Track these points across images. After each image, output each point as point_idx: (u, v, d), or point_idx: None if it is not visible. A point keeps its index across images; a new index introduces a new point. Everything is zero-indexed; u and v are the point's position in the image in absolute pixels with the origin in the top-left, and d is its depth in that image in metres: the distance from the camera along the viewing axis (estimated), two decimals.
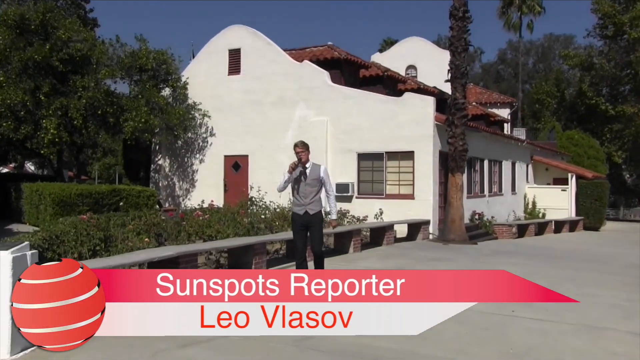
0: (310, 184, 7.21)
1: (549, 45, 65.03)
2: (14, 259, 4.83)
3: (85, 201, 15.06)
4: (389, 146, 17.08)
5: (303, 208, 7.21)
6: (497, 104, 32.46)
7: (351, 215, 15.08)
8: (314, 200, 7.23)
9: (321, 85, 18.17)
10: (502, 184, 22.79)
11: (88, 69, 17.67)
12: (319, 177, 7.26)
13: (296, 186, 7.26)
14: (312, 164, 7.29)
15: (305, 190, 7.20)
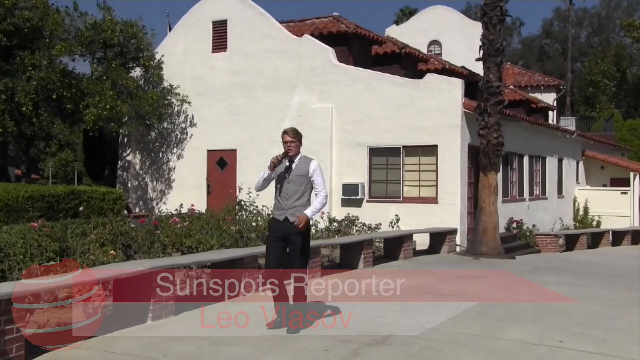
0: (295, 182, 6.95)
1: (606, 14, 64.10)
2: None
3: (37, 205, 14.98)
4: (407, 139, 17.03)
5: (283, 213, 6.96)
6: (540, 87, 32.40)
7: (361, 223, 15.04)
8: (298, 204, 6.92)
9: (325, 65, 18.12)
10: (546, 185, 22.72)
11: (39, 44, 17.62)
12: (308, 174, 6.99)
13: (279, 185, 7.04)
14: (301, 157, 7.06)
15: (288, 190, 6.96)
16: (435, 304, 8.94)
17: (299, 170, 6.97)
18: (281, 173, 6.97)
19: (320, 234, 14.16)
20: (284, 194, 6.97)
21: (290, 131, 7.00)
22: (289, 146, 6.95)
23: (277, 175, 6.99)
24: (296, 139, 6.98)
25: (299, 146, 7.02)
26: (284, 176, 6.97)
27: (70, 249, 9.04)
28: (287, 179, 6.95)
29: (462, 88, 16.65)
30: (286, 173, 6.97)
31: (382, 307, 8.50)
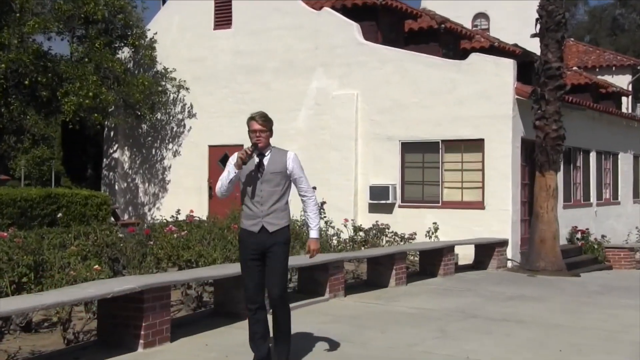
0: (271, 181, 6.48)
1: None
2: None
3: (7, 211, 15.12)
4: (447, 132, 17.00)
5: (258, 222, 6.46)
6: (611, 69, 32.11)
7: (392, 233, 15.02)
8: (275, 209, 6.48)
9: (348, 44, 18.13)
10: (619, 187, 22.57)
11: (8, 19, 17.77)
12: (285, 170, 6.55)
13: (249, 187, 6.51)
14: (273, 150, 6.58)
15: (262, 192, 6.46)
16: (482, 330, 8.90)
17: (273, 166, 6.50)
18: (249, 172, 6.46)
19: (344, 245, 14.18)
20: (257, 198, 6.46)
21: (259, 117, 6.49)
22: (259, 136, 6.44)
23: (243, 175, 6.48)
24: (267, 127, 6.50)
25: (269, 136, 6.56)
26: (255, 175, 6.46)
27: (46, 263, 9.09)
28: (261, 179, 6.45)
29: (514, 70, 16.58)
30: (257, 171, 6.46)
31: (418, 333, 8.50)
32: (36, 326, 8.23)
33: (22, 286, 8.46)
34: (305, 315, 9.48)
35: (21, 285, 8.46)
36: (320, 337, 8.07)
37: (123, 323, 7.39)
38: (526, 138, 16.83)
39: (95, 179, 22.30)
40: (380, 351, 7.56)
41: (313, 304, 10.22)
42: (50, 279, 8.64)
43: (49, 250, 9.59)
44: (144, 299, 7.35)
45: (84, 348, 7.38)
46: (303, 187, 6.68)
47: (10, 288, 8.25)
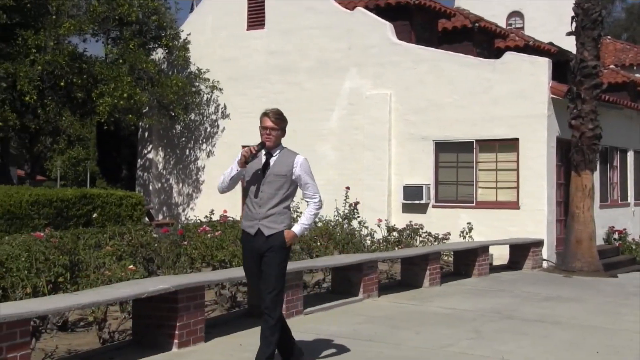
0: (273, 183, 6.19)
1: None
2: None
3: (43, 212, 15.29)
4: (482, 131, 16.92)
5: (254, 224, 6.20)
6: None
7: (426, 233, 14.99)
8: (273, 213, 6.18)
9: (381, 43, 18.10)
10: None
11: (44, 21, 17.97)
12: (290, 174, 6.25)
13: (252, 187, 6.26)
14: (282, 150, 6.32)
15: (263, 194, 6.19)
16: (517, 331, 8.83)
17: (279, 167, 6.22)
18: (254, 171, 6.22)
19: (377, 245, 14.15)
20: (257, 199, 6.19)
21: (272, 114, 6.25)
22: (269, 134, 6.20)
23: (248, 173, 6.25)
24: (279, 126, 6.26)
25: (281, 136, 6.31)
26: (259, 175, 6.21)
27: (82, 263, 9.17)
28: (263, 180, 6.20)
29: (549, 69, 16.46)
30: (262, 171, 6.21)
31: (452, 334, 8.45)
32: (72, 325, 8.30)
33: (59, 286, 8.55)
34: (339, 315, 9.48)
35: (57, 285, 8.55)
36: (354, 337, 8.05)
37: (157, 323, 7.43)
38: (562, 138, 16.73)
39: (129, 179, 22.48)
40: (415, 352, 7.52)
41: (347, 304, 10.21)
42: (86, 278, 8.72)
43: (85, 250, 9.67)
44: (178, 299, 7.39)
45: (119, 348, 7.43)
46: (308, 193, 6.37)
47: (47, 288, 8.34)
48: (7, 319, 5.63)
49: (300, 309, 9.32)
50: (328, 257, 11.54)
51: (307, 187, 6.35)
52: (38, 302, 6.64)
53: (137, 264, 9.71)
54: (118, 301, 7.33)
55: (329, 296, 10.71)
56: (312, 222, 6.54)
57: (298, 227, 6.33)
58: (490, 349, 7.71)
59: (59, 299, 6.83)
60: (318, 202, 6.41)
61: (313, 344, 7.66)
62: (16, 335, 5.74)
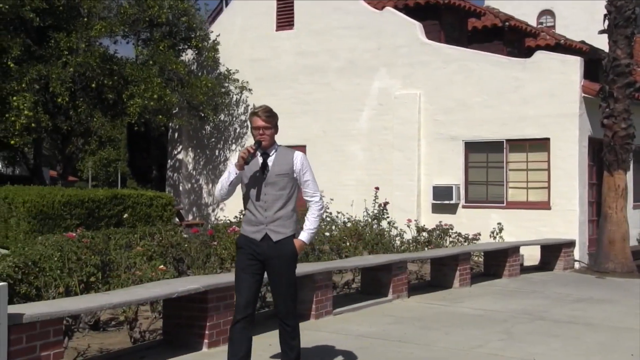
0: (277, 184, 5.88)
1: None
2: None
3: (75, 212, 15.44)
4: (512, 131, 16.83)
5: (261, 229, 5.85)
6: None
7: (456, 233, 14.93)
8: (281, 216, 5.86)
9: (411, 43, 18.07)
10: None
11: (76, 24, 18.14)
12: (292, 172, 5.93)
13: (252, 190, 5.92)
14: (278, 149, 5.98)
15: (266, 197, 5.87)
16: (549, 332, 8.77)
17: (279, 166, 5.89)
18: (253, 173, 5.90)
19: (407, 246, 14.13)
20: (261, 203, 5.86)
21: (262, 112, 5.91)
22: (262, 134, 5.85)
23: (247, 177, 5.92)
24: (271, 124, 5.91)
25: (274, 133, 5.96)
26: (259, 177, 5.88)
27: (113, 263, 9.25)
28: (265, 181, 5.87)
29: (580, 68, 16.34)
30: (261, 172, 5.88)
31: (482, 335, 8.41)
32: (104, 325, 8.38)
33: (90, 285, 8.63)
34: (369, 315, 9.48)
35: (89, 284, 8.63)
36: (384, 338, 8.05)
37: (188, 323, 7.47)
38: (594, 137, 16.60)
39: (159, 180, 22.62)
40: (445, 353, 7.50)
41: (376, 304, 10.21)
42: (117, 278, 8.79)
43: (116, 250, 9.75)
44: (208, 299, 7.43)
45: (149, 347, 7.49)
46: (309, 192, 5.99)
47: (79, 287, 8.42)
48: (40, 318, 5.70)
49: (330, 309, 9.33)
50: (357, 258, 11.54)
51: (307, 185, 5.98)
52: (70, 301, 6.71)
53: (167, 264, 9.77)
54: (149, 301, 7.38)
55: (358, 296, 10.72)
56: (317, 225, 6.11)
57: (305, 235, 5.97)
58: (521, 351, 7.66)
59: (90, 299, 6.90)
60: (319, 202, 6.04)
61: (343, 344, 7.67)
62: (49, 334, 5.81)
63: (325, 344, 7.64)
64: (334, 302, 9.60)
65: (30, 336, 5.64)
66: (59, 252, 8.82)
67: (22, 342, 5.57)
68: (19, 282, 8.03)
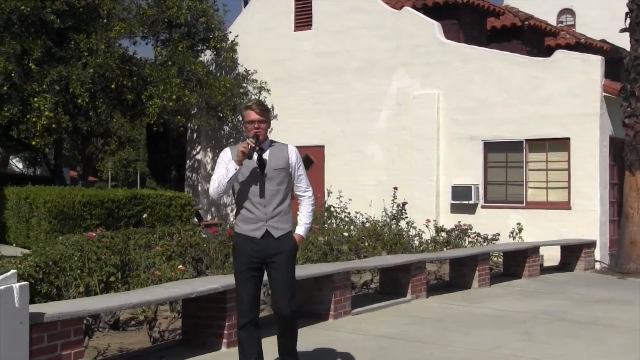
0: (275, 179, 5.72)
1: None
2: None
3: (95, 212, 15.54)
4: (532, 131, 16.76)
5: (261, 227, 5.67)
6: None
7: (475, 233, 14.88)
8: (280, 211, 5.74)
9: (429, 43, 18.03)
10: None
11: (96, 25, 18.25)
12: (287, 167, 5.81)
13: (248, 187, 5.72)
14: (273, 143, 5.88)
15: (265, 193, 5.69)
16: (570, 334, 8.71)
17: (275, 161, 5.75)
18: (249, 170, 5.70)
19: (426, 246, 14.10)
20: (259, 199, 5.68)
21: (256, 106, 5.77)
22: (257, 127, 5.72)
23: (243, 174, 5.72)
24: (265, 117, 5.78)
25: (268, 128, 5.86)
26: (256, 173, 5.69)
27: (132, 262, 9.29)
28: (263, 177, 5.69)
29: (601, 67, 16.24)
30: (259, 168, 5.69)
31: (502, 336, 8.38)
32: (123, 324, 8.42)
33: (110, 285, 8.68)
34: (388, 316, 9.47)
35: (109, 284, 8.68)
36: (403, 338, 8.04)
37: (206, 323, 7.49)
38: (615, 137, 16.51)
39: (178, 180, 22.71)
40: (464, 353, 7.48)
41: (395, 305, 10.20)
42: (137, 278, 8.84)
43: (135, 250, 9.79)
44: (227, 298, 7.44)
45: (169, 347, 7.51)
46: (302, 186, 5.91)
47: (99, 287, 8.46)
48: (61, 317, 5.73)
49: (349, 310, 9.32)
50: (376, 258, 11.53)
51: (300, 179, 5.88)
52: (90, 301, 6.75)
53: (186, 264, 9.80)
54: (168, 301, 7.40)
55: (377, 297, 10.71)
56: (311, 220, 6.02)
57: (302, 229, 5.88)
58: (542, 352, 7.62)
59: (110, 298, 6.94)
60: (312, 197, 5.96)
61: (362, 344, 7.66)
62: (70, 333, 5.84)
63: (344, 344, 7.64)
64: (353, 302, 9.59)
65: (51, 335, 5.68)
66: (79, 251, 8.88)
67: (43, 341, 5.61)
68: (40, 282, 8.09)
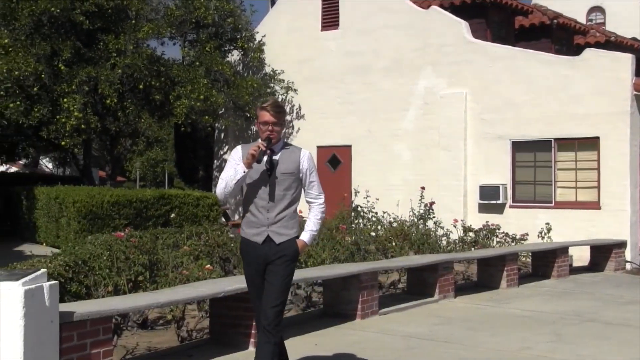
0: (282, 183, 5.49)
1: None
2: (26, 292, 5.03)
3: (123, 212, 15.66)
4: (561, 130, 16.64)
5: (262, 232, 5.47)
6: None
7: (503, 233, 14.79)
8: (284, 216, 5.50)
9: (456, 42, 17.96)
10: None
11: (124, 26, 18.39)
12: (297, 171, 5.56)
13: (254, 190, 5.51)
14: (285, 146, 5.59)
15: (270, 197, 5.48)
16: (600, 335, 8.63)
17: (285, 165, 5.51)
18: (258, 172, 5.47)
19: (453, 246, 14.05)
20: (264, 203, 5.48)
21: (271, 107, 5.43)
22: (272, 130, 5.41)
23: (251, 176, 5.49)
24: (279, 120, 5.47)
25: (282, 130, 5.56)
26: (265, 176, 5.46)
27: (160, 262, 9.35)
28: (269, 180, 5.47)
29: (632, 65, 16.07)
30: (268, 171, 5.47)
31: (531, 336, 8.32)
32: (152, 323, 8.47)
33: (138, 284, 8.74)
34: (415, 316, 9.45)
35: (137, 283, 8.74)
36: (430, 338, 8.01)
37: (234, 322, 7.51)
38: None
39: (206, 180, 22.80)
40: (493, 354, 7.43)
41: (422, 305, 10.17)
42: (165, 278, 8.89)
43: (163, 250, 9.86)
44: None
45: (196, 346, 7.55)
46: (313, 193, 5.65)
47: (127, 286, 8.53)
48: (90, 316, 5.78)
49: (376, 310, 9.31)
50: (403, 258, 11.50)
51: (311, 186, 5.63)
52: (119, 300, 6.80)
53: (213, 263, 9.85)
54: (195, 300, 7.44)
55: (404, 297, 10.69)
56: (319, 228, 5.77)
57: (307, 235, 5.63)
58: (571, 353, 7.56)
59: (139, 298, 6.98)
60: (323, 204, 5.70)
61: (389, 344, 7.65)
62: (99, 332, 5.89)
63: (372, 344, 7.63)
64: (380, 302, 9.59)
65: (80, 334, 5.73)
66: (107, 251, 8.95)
67: (73, 339, 5.66)
68: (70, 281, 8.17)
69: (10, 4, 17.78)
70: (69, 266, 8.33)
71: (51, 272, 7.54)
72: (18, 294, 4.97)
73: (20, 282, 5.02)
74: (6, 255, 14.13)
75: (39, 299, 5.12)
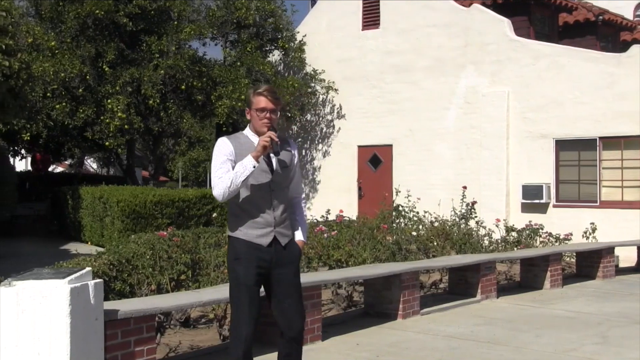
0: (282, 178, 5.00)
1: None
2: (72, 290, 5.10)
3: (166, 212, 15.80)
4: (606, 128, 16.46)
5: (269, 232, 4.88)
6: None
7: (546, 233, 14.65)
8: (286, 215, 5.03)
9: (499, 40, 17.85)
10: None
11: (167, 27, 18.58)
12: (292, 165, 5.09)
13: (260, 187, 4.91)
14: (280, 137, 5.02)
15: (274, 194, 4.95)
16: None
17: (285, 158, 5.03)
18: (260, 168, 4.88)
19: (496, 246, 13.95)
20: (271, 201, 4.93)
21: (268, 92, 4.86)
22: (270, 117, 4.87)
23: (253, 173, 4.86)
24: (277, 106, 4.93)
25: (277, 120, 5.01)
26: (267, 171, 4.93)
27: (202, 261, 9.41)
28: (273, 176, 4.95)
29: None
30: (269, 165, 4.94)
31: (576, 338, 8.21)
32: (194, 322, 8.53)
33: (181, 283, 8.80)
34: (457, 316, 9.38)
35: (180, 282, 8.81)
36: (473, 339, 7.96)
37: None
38: None
39: None
40: (536, 355, 7.35)
41: (464, 305, 10.09)
42: (207, 277, 8.95)
43: (205, 249, 9.92)
44: None
45: None
46: (299, 188, 5.20)
47: (170, 285, 8.60)
48: (134, 314, 5.84)
49: (417, 310, 9.27)
50: (445, 257, 11.45)
51: (298, 179, 5.19)
52: (162, 298, 6.86)
53: None
54: None
55: (446, 297, 10.63)
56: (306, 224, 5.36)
57: (302, 235, 5.17)
58: (618, 356, 7.43)
59: (181, 296, 7.03)
60: (305, 201, 5.30)
61: (432, 344, 7.61)
62: (143, 330, 5.95)
63: (413, 344, 7.60)
64: (421, 302, 9.54)
65: (124, 332, 5.80)
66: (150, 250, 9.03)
67: (117, 337, 5.72)
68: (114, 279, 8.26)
69: (57, 7, 18.08)
70: (113, 265, 8.42)
71: (96, 271, 7.64)
72: (64, 292, 5.04)
73: (66, 280, 5.09)
74: (53, 254, 14.35)
75: (85, 297, 5.19)
